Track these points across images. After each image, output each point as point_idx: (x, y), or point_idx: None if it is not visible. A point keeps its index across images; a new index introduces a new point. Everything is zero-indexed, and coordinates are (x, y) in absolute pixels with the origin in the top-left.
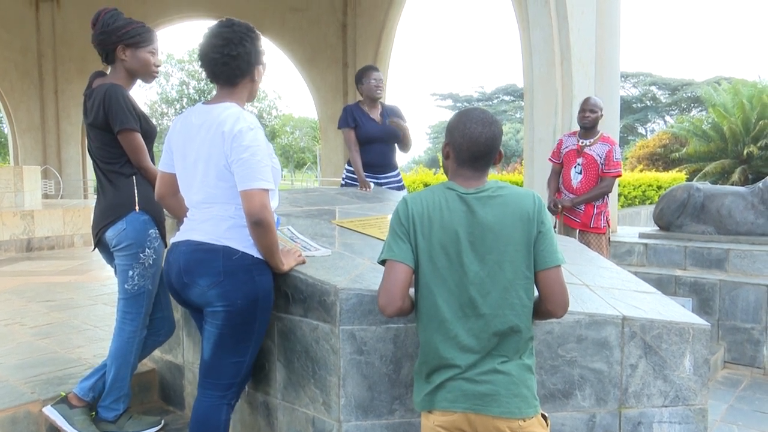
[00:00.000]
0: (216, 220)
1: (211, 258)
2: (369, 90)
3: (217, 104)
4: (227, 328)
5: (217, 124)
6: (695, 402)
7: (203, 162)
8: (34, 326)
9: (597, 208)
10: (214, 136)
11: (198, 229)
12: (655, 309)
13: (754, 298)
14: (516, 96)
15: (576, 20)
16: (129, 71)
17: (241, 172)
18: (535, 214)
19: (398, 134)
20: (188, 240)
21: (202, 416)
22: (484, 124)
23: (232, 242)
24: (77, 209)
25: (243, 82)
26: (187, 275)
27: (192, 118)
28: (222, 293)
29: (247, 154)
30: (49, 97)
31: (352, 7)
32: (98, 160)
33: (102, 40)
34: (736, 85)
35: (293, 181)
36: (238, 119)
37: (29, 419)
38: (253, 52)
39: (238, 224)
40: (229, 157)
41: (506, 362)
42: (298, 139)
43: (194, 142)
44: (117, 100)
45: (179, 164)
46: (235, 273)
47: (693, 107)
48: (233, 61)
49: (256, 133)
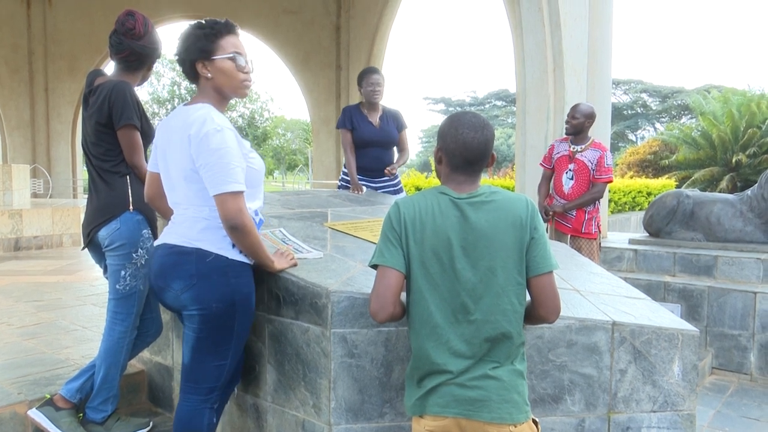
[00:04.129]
0: (190, 222)
1: (184, 261)
2: (366, 94)
3: (192, 105)
4: (204, 331)
5: (185, 127)
6: (683, 407)
7: (175, 166)
8: (21, 326)
9: (588, 214)
10: (181, 140)
11: (174, 232)
12: (644, 315)
13: (741, 305)
14: (508, 101)
15: (569, 27)
16: (144, 78)
17: (210, 177)
18: (528, 219)
19: (395, 139)
20: (164, 243)
21: (185, 421)
22: (477, 129)
23: (206, 244)
24: (66, 209)
25: (200, 80)
26: (161, 279)
27: (172, 120)
28: (195, 296)
29: (214, 158)
30: (39, 95)
31: (345, 10)
32: (93, 157)
33: (150, 54)
34: (726, 93)
35: (284, 183)
36: (205, 121)
37: (16, 420)
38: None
39: (212, 225)
40: (196, 161)
41: (498, 368)
42: (290, 141)
43: (171, 145)
44: (125, 96)
45: (162, 165)
46: (208, 275)
47: (683, 115)
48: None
49: (224, 134)
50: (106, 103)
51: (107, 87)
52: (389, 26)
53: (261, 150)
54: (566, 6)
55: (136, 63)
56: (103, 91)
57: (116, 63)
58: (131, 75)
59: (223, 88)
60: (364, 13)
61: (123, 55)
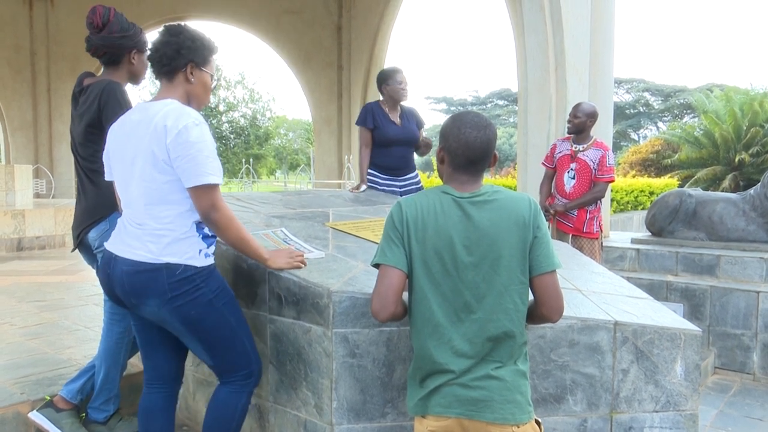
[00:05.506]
0: (154, 237)
1: (155, 277)
2: (395, 92)
3: (160, 101)
4: (202, 333)
5: (158, 119)
6: (686, 407)
7: (142, 158)
8: (24, 326)
9: (590, 213)
10: (155, 130)
11: (136, 247)
12: (647, 314)
13: (744, 305)
14: (510, 100)
15: (571, 26)
16: (132, 74)
17: (188, 169)
18: (530, 218)
19: (417, 137)
20: (128, 259)
21: (221, 401)
22: (479, 128)
23: (173, 257)
24: (68, 209)
25: (177, 77)
26: (134, 297)
27: (131, 115)
28: (174, 309)
29: (193, 150)
30: (41, 95)
31: (347, 10)
32: (81, 158)
33: (121, 44)
34: (728, 92)
35: (286, 183)
36: (182, 114)
37: (18, 420)
38: (184, 47)
39: (177, 238)
40: (172, 152)
41: (500, 368)
42: (291, 141)
43: (132, 139)
44: (116, 97)
45: (117, 165)
46: (181, 287)
47: (685, 114)
48: (159, 57)
49: (202, 128)
50: (96, 104)
51: (98, 87)
52: (391, 26)
53: (263, 150)
54: (568, 5)
55: (107, 58)
56: (94, 91)
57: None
58: (115, 72)
59: (194, 97)
60: (366, 12)
61: (92, 53)
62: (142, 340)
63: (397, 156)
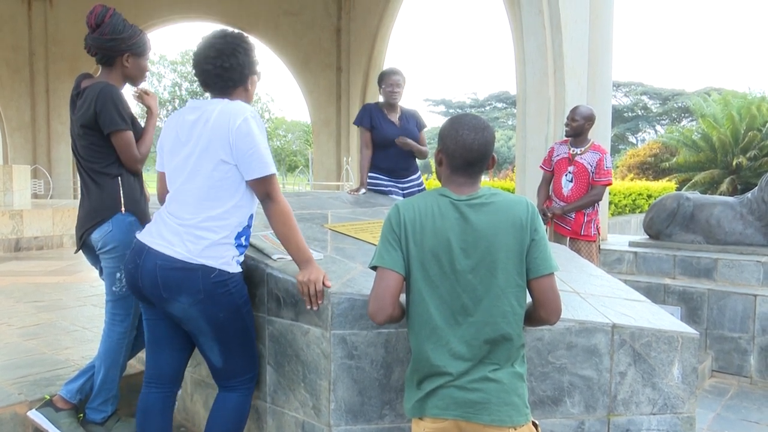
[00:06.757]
0: (194, 237)
1: (191, 276)
2: (385, 94)
3: (221, 99)
4: (223, 336)
5: (218, 116)
6: (683, 410)
7: (197, 157)
8: (21, 327)
9: (587, 216)
10: (215, 127)
11: (174, 243)
12: (644, 317)
13: (741, 308)
14: (508, 103)
15: (569, 30)
16: (127, 76)
17: (250, 162)
18: (528, 221)
19: (417, 138)
20: (163, 254)
21: (236, 409)
22: (477, 130)
23: (210, 261)
24: (67, 209)
25: (236, 92)
26: (166, 291)
27: (185, 115)
28: (204, 309)
29: (254, 143)
30: (40, 95)
31: (346, 12)
32: (83, 159)
33: (111, 46)
34: (726, 96)
35: (285, 185)
36: (240, 109)
37: (16, 420)
38: (246, 63)
39: (216, 242)
40: (234, 147)
41: (498, 370)
42: (290, 142)
43: (190, 138)
44: (111, 100)
45: (169, 159)
46: (214, 289)
47: (683, 117)
48: (225, 73)
49: (258, 121)
50: (91, 107)
51: (93, 91)
52: (390, 28)
53: None
54: (567, 8)
55: (101, 58)
56: (89, 94)
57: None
58: (110, 74)
59: (249, 102)
60: (365, 14)
61: (87, 51)
62: (150, 335)
63: (396, 156)
